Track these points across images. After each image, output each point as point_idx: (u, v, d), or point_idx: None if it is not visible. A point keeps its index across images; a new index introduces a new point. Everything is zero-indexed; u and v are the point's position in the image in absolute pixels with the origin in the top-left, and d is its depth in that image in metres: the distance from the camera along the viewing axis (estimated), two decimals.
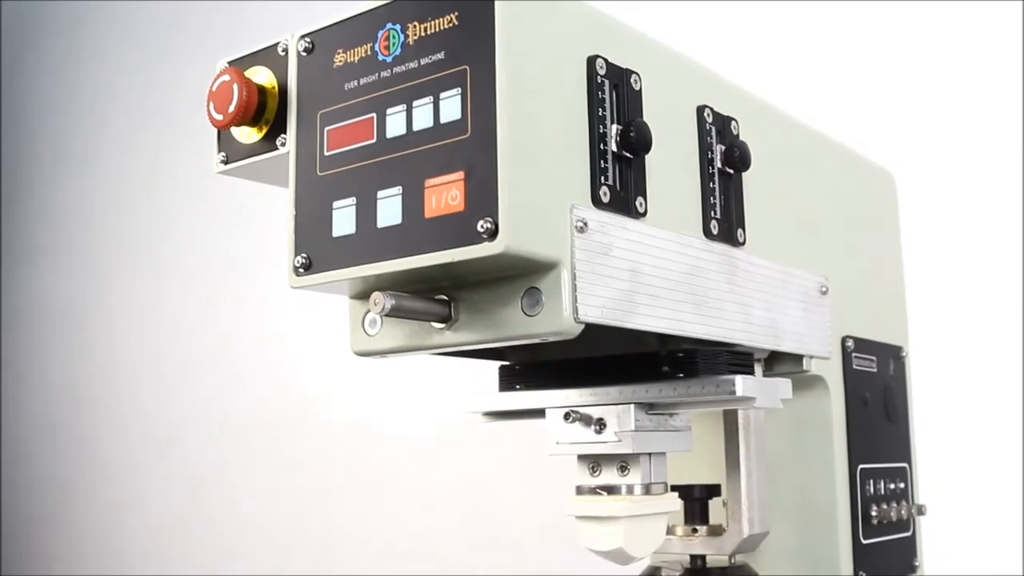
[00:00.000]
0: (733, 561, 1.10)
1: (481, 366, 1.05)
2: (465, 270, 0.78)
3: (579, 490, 0.97)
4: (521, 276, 0.79)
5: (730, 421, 1.08)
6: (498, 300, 0.80)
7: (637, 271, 0.83)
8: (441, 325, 0.83)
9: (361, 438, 2.54)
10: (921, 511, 1.30)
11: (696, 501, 1.12)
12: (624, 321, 0.81)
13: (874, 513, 1.19)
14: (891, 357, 1.27)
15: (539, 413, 0.99)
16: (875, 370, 1.23)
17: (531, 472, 1.99)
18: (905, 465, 1.28)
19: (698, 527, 1.11)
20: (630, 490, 0.95)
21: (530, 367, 1.03)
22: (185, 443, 2.98)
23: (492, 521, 2.27)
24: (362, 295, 0.87)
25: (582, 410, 0.94)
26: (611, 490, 0.95)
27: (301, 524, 2.66)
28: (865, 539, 1.18)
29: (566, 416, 0.94)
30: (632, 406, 0.92)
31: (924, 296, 1.48)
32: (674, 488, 1.01)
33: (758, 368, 1.06)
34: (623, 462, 0.95)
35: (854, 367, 1.19)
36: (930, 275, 1.65)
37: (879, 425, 1.24)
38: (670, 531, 1.09)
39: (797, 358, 1.08)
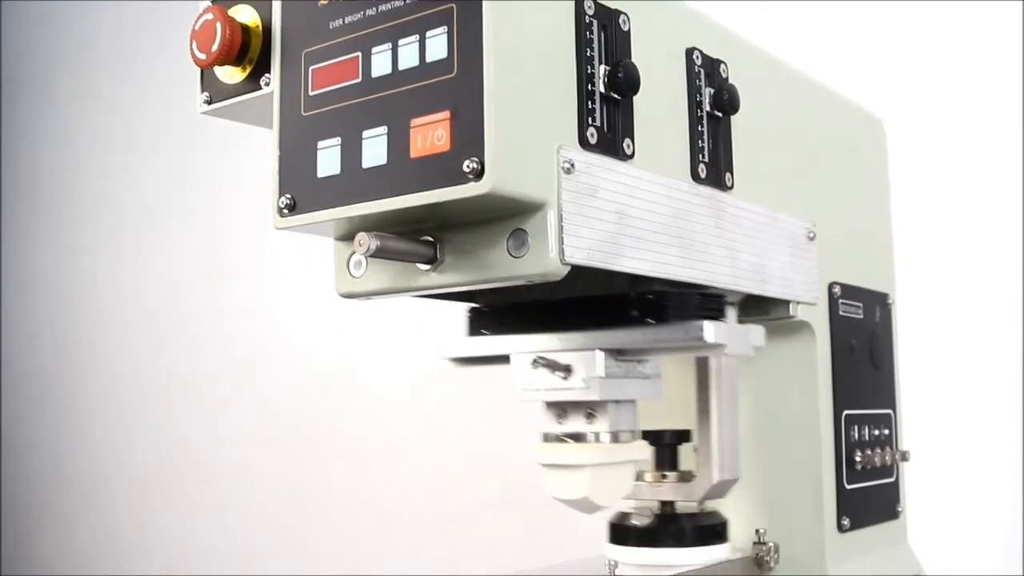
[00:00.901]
0: (702, 507, 1.10)
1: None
2: (451, 211, 0.78)
3: (545, 437, 0.96)
4: (507, 217, 0.78)
5: (701, 366, 1.07)
6: (484, 241, 0.80)
7: (624, 213, 0.83)
8: (426, 267, 0.82)
9: (342, 383, 2.54)
10: (905, 457, 1.31)
11: (666, 447, 1.11)
12: (610, 263, 0.81)
13: (858, 459, 1.20)
14: (877, 304, 1.27)
15: (507, 359, 0.97)
16: (861, 317, 1.23)
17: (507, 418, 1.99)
18: (890, 412, 1.29)
19: (667, 473, 1.10)
20: (597, 438, 0.93)
21: (499, 311, 1.01)
22: (169, 396, 2.99)
23: (472, 466, 2.28)
24: (347, 236, 0.86)
25: (549, 356, 0.92)
26: (577, 438, 0.94)
27: (288, 474, 2.67)
28: (849, 485, 1.18)
29: (533, 362, 0.93)
30: (600, 352, 0.91)
31: (912, 244, 1.48)
32: (644, 434, 1.00)
33: (731, 313, 1.04)
34: (590, 409, 0.93)
35: (840, 313, 1.19)
36: (918, 222, 1.65)
37: (864, 372, 1.24)
38: (639, 477, 1.09)
39: (783, 303, 1.08)
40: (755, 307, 1.08)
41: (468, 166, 0.72)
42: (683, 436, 1.11)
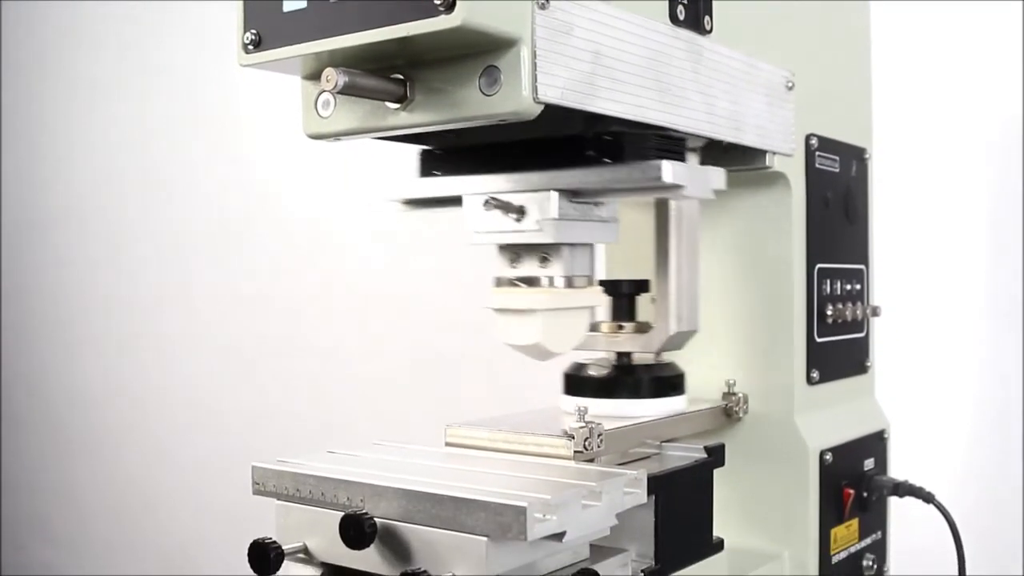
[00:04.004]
0: (659, 359, 1.08)
1: None
2: (421, 46, 0.75)
3: (498, 282, 0.93)
4: (479, 54, 0.76)
5: (661, 212, 1.03)
6: (455, 79, 0.77)
7: (599, 53, 0.80)
8: (396, 105, 0.80)
9: (306, 231, 2.53)
10: (875, 312, 1.31)
11: (624, 297, 1.08)
12: (584, 104, 0.79)
13: (829, 313, 1.20)
14: (854, 158, 1.26)
15: (460, 201, 0.93)
16: (837, 170, 1.22)
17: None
18: (862, 267, 1.29)
19: (624, 324, 1.08)
20: (550, 282, 0.90)
21: (451, 152, 0.96)
22: (143, 250, 2.97)
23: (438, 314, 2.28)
24: (315, 75, 0.83)
25: (502, 197, 0.88)
26: (530, 282, 0.91)
27: (255, 321, 2.67)
28: (819, 338, 1.19)
29: (484, 203, 0.89)
30: (554, 193, 0.87)
31: (891, 99, 1.46)
32: (601, 284, 0.97)
33: (693, 158, 1.01)
34: (544, 253, 0.90)
35: (816, 166, 1.18)
36: (898, 78, 1.63)
37: (839, 226, 1.23)
38: (595, 328, 1.07)
39: (760, 154, 1.06)
40: (731, 157, 1.07)
41: None
42: (641, 286, 1.08)
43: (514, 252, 0.92)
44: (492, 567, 0.76)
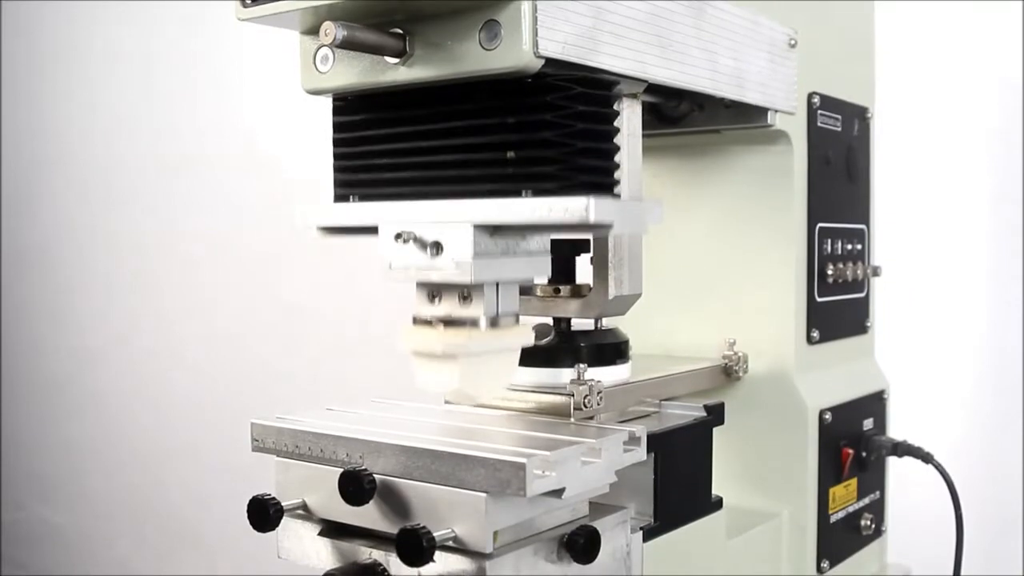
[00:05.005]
0: (600, 325, 1.00)
1: None
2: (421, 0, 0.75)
3: (415, 320, 0.83)
4: (479, 8, 0.75)
5: None
6: (455, 33, 0.77)
7: (601, 7, 0.79)
8: (395, 60, 0.80)
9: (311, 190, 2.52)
10: (876, 272, 1.31)
11: (560, 258, 0.98)
12: (586, 59, 0.78)
13: (830, 272, 1.19)
14: (856, 117, 1.25)
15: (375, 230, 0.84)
16: (839, 129, 1.21)
17: None
18: (863, 227, 1.28)
19: (561, 287, 0.99)
20: (473, 323, 0.80)
21: (367, 171, 0.86)
22: (140, 204, 2.96)
23: None
24: (313, 29, 0.83)
25: (416, 230, 0.79)
26: (450, 323, 0.81)
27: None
28: (820, 297, 1.19)
29: (396, 236, 0.80)
30: (470, 228, 0.77)
31: (894, 58, 1.45)
32: None
33: (631, 105, 0.91)
34: (465, 291, 0.80)
35: (819, 125, 1.17)
36: (900, 37, 1.62)
37: (840, 185, 1.23)
38: (530, 291, 0.99)
39: (762, 111, 1.05)
40: (732, 114, 1.06)
41: None
42: (580, 247, 0.99)
43: (433, 289, 0.82)
44: (491, 523, 0.75)
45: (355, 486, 0.78)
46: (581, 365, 0.92)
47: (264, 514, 0.82)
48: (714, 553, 1.02)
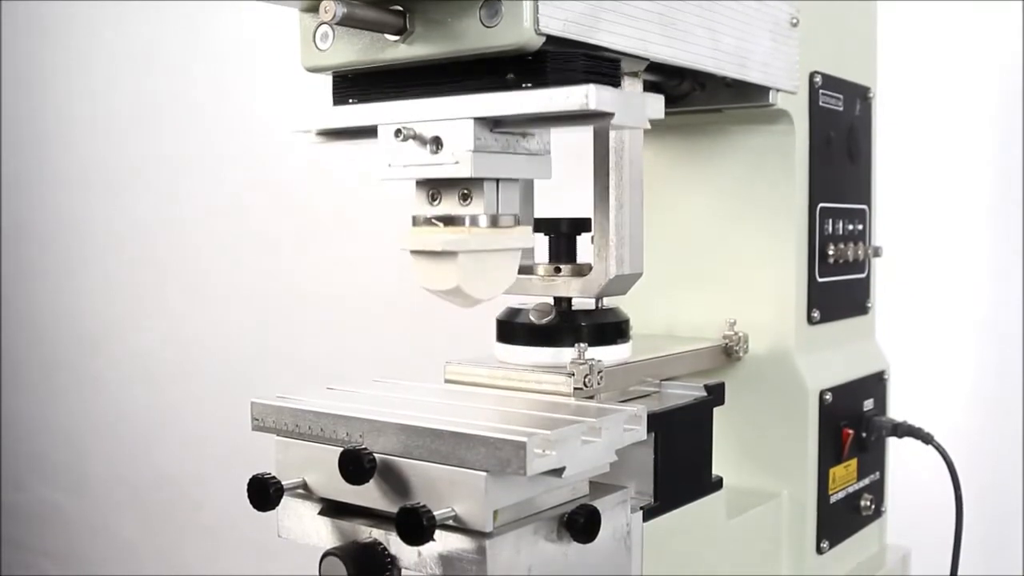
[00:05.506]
0: (601, 305, 1.00)
1: None
2: None
3: (414, 221, 0.84)
4: None
5: (600, 144, 0.94)
6: (455, 10, 0.76)
7: None
8: (395, 37, 0.79)
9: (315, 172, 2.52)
10: (877, 253, 1.31)
11: (562, 237, 0.99)
12: (587, 36, 0.78)
13: (831, 252, 1.19)
14: (858, 97, 1.25)
15: (374, 131, 0.84)
16: (841, 109, 1.21)
17: None
18: (865, 207, 1.28)
19: (562, 266, 0.99)
20: (473, 221, 0.82)
21: (365, 76, 0.86)
22: (142, 186, 2.95)
23: None
24: (313, 7, 0.82)
25: (416, 126, 0.79)
26: (450, 221, 0.83)
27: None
28: (821, 278, 1.18)
29: (396, 133, 0.80)
30: (471, 121, 0.78)
31: (896, 38, 1.45)
32: (538, 224, 0.91)
33: (632, 83, 0.91)
34: (465, 189, 0.81)
35: (820, 104, 1.17)
36: (903, 17, 1.61)
37: (841, 165, 1.22)
38: (530, 271, 0.99)
39: (763, 91, 1.05)
40: (734, 93, 1.06)
41: None
42: (582, 225, 0.99)
43: (433, 188, 0.83)
44: (491, 502, 0.75)
45: (355, 465, 0.78)
46: (582, 344, 0.92)
47: (264, 493, 0.82)
48: (714, 533, 1.02)
